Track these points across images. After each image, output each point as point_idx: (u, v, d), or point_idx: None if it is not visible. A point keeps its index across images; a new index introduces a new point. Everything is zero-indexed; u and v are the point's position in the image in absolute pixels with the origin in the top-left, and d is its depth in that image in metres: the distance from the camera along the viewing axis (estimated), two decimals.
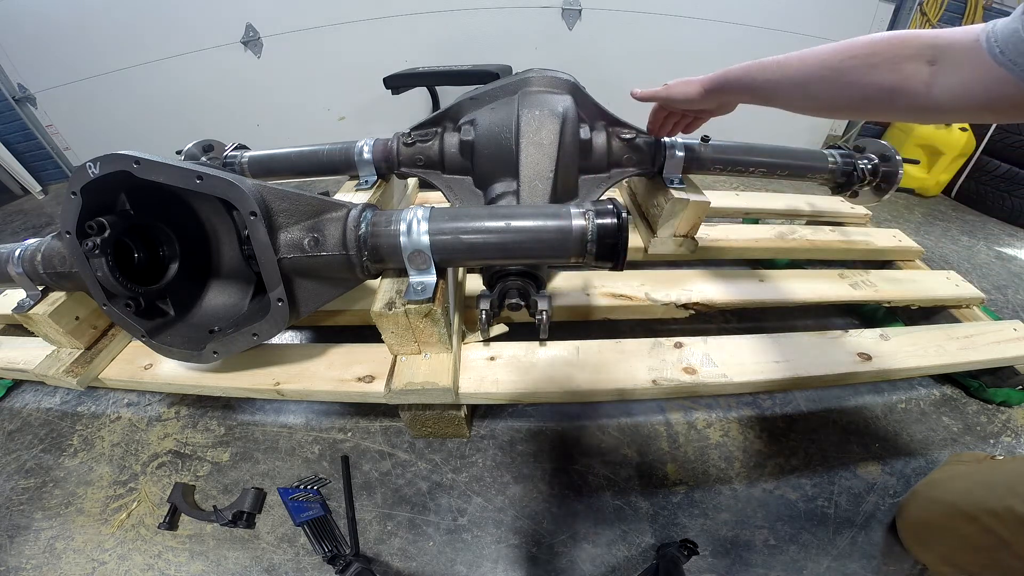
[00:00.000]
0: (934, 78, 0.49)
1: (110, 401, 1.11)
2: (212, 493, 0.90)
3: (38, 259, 0.85)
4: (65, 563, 0.81)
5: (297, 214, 0.72)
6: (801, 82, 0.61)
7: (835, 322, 1.25)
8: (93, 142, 2.44)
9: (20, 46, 2.18)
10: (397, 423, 0.99)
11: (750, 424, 0.98)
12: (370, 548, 0.80)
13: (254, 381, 0.87)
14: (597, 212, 0.71)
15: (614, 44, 2.23)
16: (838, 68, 0.56)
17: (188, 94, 2.33)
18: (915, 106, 0.52)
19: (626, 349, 0.88)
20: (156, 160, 0.66)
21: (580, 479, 0.88)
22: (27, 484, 0.94)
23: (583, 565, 0.77)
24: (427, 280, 0.75)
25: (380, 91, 1.72)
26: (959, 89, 0.47)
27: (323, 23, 2.18)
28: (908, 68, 0.50)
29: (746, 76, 0.70)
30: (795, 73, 0.62)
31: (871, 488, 0.86)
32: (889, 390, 1.05)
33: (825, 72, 0.58)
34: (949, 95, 0.48)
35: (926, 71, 0.49)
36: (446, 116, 1.05)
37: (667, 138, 1.03)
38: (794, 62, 0.62)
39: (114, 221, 0.74)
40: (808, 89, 0.61)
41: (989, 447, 0.94)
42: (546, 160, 0.88)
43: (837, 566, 0.76)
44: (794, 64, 0.62)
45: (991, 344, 0.94)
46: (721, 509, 0.84)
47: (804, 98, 0.63)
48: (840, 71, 0.56)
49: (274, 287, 0.72)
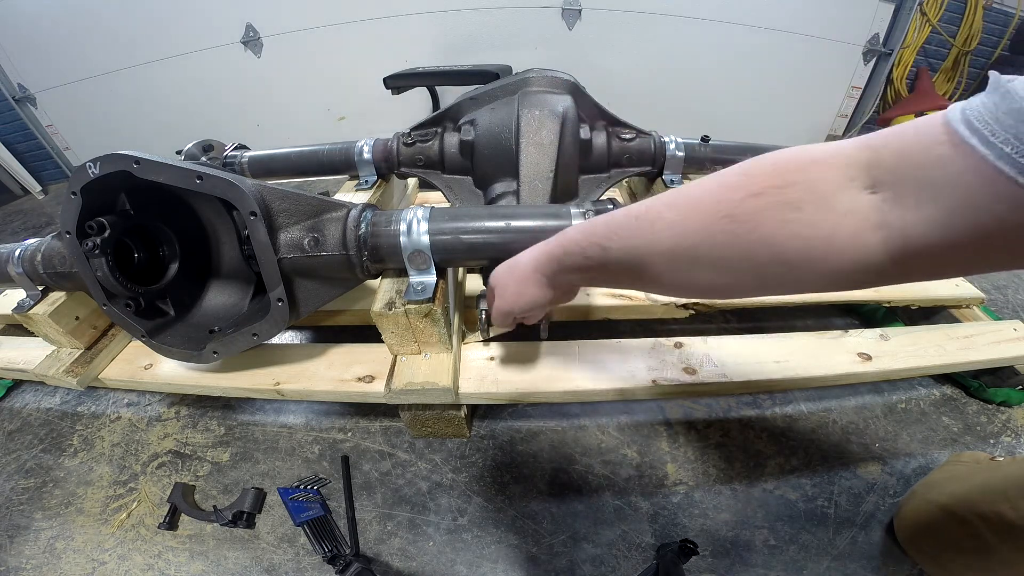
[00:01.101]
0: (883, 216, 0.31)
1: (110, 401, 1.11)
2: (212, 493, 0.90)
3: (38, 259, 0.85)
4: (65, 563, 0.81)
5: (297, 214, 0.72)
6: (682, 247, 0.38)
7: (835, 322, 1.24)
8: (93, 142, 2.44)
9: (20, 46, 2.18)
10: (397, 423, 0.99)
11: (750, 424, 0.98)
12: (370, 548, 0.80)
13: (254, 381, 0.87)
14: (597, 212, 0.71)
15: (614, 44, 2.23)
16: (739, 217, 0.35)
17: (188, 94, 2.33)
18: (860, 266, 0.33)
19: (626, 349, 0.88)
20: (156, 160, 0.66)
21: (580, 479, 0.88)
22: (27, 484, 0.94)
23: (583, 565, 0.77)
24: (427, 280, 0.75)
25: (380, 91, 1.72)
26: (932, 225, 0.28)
27: (323, 23, 2.18)
28: (840, 203, 0.32)
29: (590, 251, 0.46)
30: (670, 233, 0.39)
31: (871, 488, 0.86)
32: (889, 390, 1.05)
33: (723, 224, 0.35)
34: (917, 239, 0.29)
35: (866, 205, 0.31)
36: (446, 116, 1.05)
37: (667, 138, 1.03)
38: (665, 214, 0.40)
39: (114, 221, 0.74)
40: (695, 257, 0.38)
41: (989, 447, 0.94)
42: (546, 160, 0.88)
43: (837, 566, 0.76)
44: (666, 219, 0.39)
45: (991, 344, 0.94)
46: (721, 509, 0.84)
47: (688, 269, 0.39)
48: (745, 222, 0.34)
49: (274, 287, 0.72)
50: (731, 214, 0.35)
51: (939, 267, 0.32)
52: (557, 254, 0.51)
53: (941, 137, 0.28)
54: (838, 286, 0.35)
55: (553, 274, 0.53)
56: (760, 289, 0.39)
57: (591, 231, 0.46)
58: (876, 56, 2.25)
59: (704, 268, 0.38)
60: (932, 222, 0.28)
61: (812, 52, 2.22)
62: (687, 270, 0.39)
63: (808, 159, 0.34)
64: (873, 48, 2.23)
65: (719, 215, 0.36)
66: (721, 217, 0.36)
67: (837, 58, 2.26)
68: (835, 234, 0.32)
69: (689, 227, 0.38)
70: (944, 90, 2.37)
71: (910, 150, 0.30)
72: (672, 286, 0.43)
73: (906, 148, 0.30)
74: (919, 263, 0.31)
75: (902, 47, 2.20)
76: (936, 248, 0.29)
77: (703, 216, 0.37)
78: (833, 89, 2.37)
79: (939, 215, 0.28)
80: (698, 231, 0.37)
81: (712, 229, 0.36)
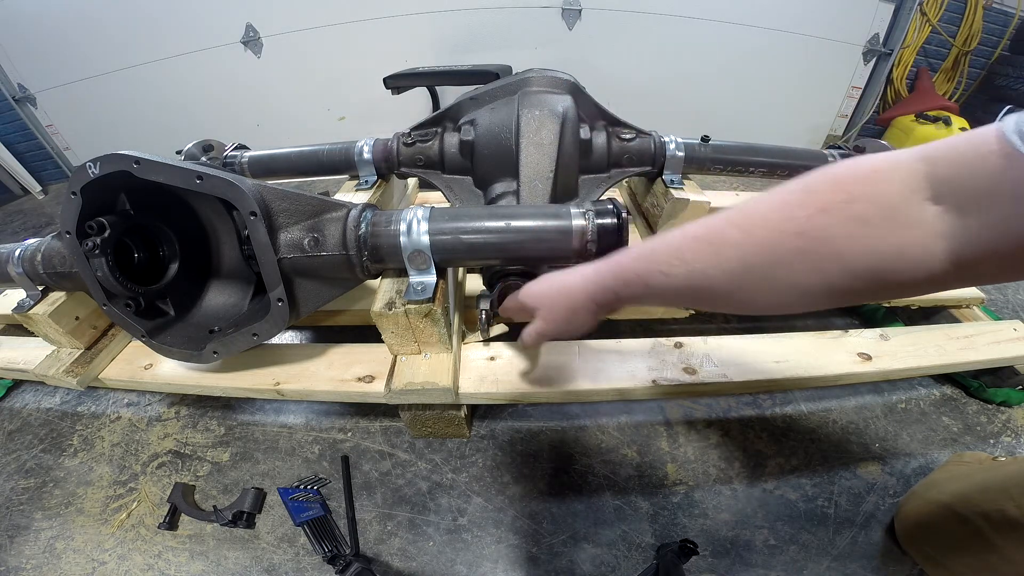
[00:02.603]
0: (946, 226, 0.31)
1: (110, 401, 1.11)
2: (212, 493, 0.90)
3: (38, 259, 0.85)
4: (65, 563, 0.81)
5: (297, 214, 0.72)
6: (749, 266, 0.38)
7: (835, 322, 1.24)
8: (93, 142, 2.44)
9: (20, 46, 2.18)
10: (397, 423, 0.99)
11: (750, 424, 0.98)
12: (370, 548, 0.80)
13: (254, 381, 0.87)
14: (597, 212, 0.71)
15: (614, 44, 2.23)
16: (808, 233, 0.35)
17: (188, 94, 2.33)
18: (927, 276, 0.33)
19: (626, 349, 0.88)
20: (156, 160, 0.66)
21: (580, 479, 0.88)
22: (27, 484, 0.94)
23: (583, 565, 0.77)
24: (427, 280, 0.75)
25: (380, 91, 1.72)
26: (992, 232, 0.30)
27: (323, 23, 2.18)
28: (907, 216, 0.33)
29: (651, 278, 0.45)
30: (736, 253, 0.39)
31: (871, 488, 0.86)
32: (889, 390, 1.05)
33: (793, 242, 0.36)
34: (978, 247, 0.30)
35: (931, 216, 0.32)
36: (446, 116, 1.05)
37: (667, 137, 1.03)
38: (730, 234, 0.39)
39: (114, 221, 0.74)
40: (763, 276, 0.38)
41: (989, 447, 0.94)
42: (546, 160, 0.88)
43: (837, 566, 0.76)
44: (731, 239, 0.39)
45: (991, 344, 0.94)
46: (721, 509, 0.84)
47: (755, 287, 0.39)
48: (815, 238, 0.35)
49: (274, 287, 0.72)
50: (800, 231, 0.35)
51: (999, 272, 0.33)
52: (615, 286, 0.50)
53: (994, 148, 0.29)
54: (903, 295, 0.36)
55: (608, 304, 0.53)
56: (827, 303, 0.39)
57: (651, 258, 0.46)
58: (876, 56, 2.25)
59: (772, 285, 0.38)
60: (991, 230, 0.30)
61: (812, 52, 2.22)
62: (754, 288, 0.39)
63: (870, 172, 0.34)
64: (873, 48, 2.23)
65: (788, 232, 0.36)
66: (790, 234, 0.36)
67: (837, 58, 2.26)
68: (904, 246, 0.33)
69: (756, 246, 0.38)
70: (944, 90, 2.37)
71: (965, 161, 0.31)
72: (737, 305, 0.43)
73: (961, 159, 0.31)
74: (981, 270, 0.32)
75: (902, 47, 2.20)
76: (996, 255, 0.30)
77: (771, 234, 0.37)
78: (833, 89, 2.37)
79: (998, 223, 0.29)
80: (766, 250, 0.37)
81: (781, 247, 0.37)
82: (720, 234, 0.40)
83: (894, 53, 2.21)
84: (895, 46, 2.19)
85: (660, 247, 0.45)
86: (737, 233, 0.39)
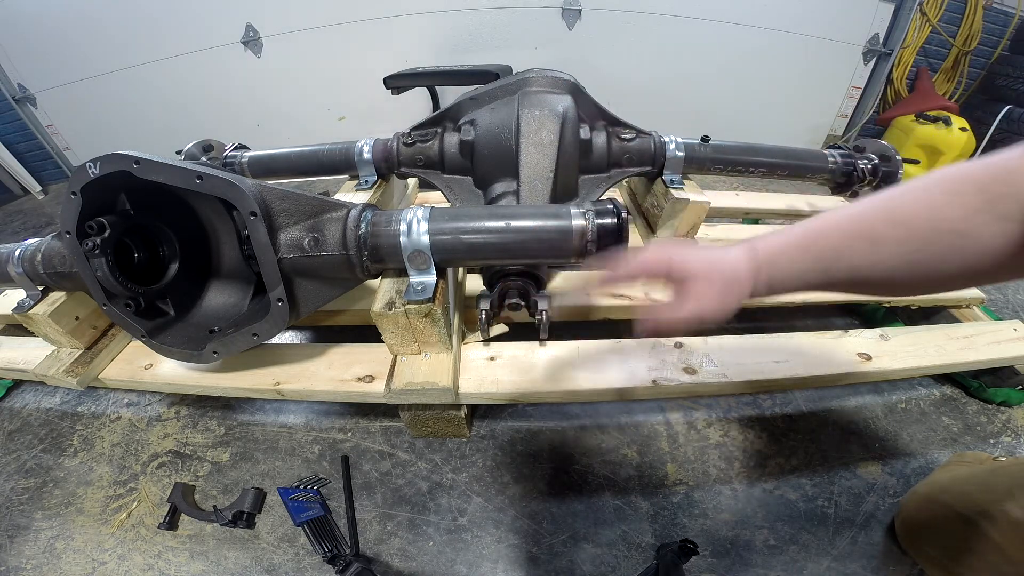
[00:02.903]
0: None
1: (110, 401, 1.11)
2: (212, 493, 0.90)
3: (38, 259, 0.85)
4: (65, 563, 0.81)
5: (297, 214, 0.72)
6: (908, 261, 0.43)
7: (835, 322, 1.24)
8: (93, 142, 2.44)
9: (20, 46, 2.18)
10: (397, 423, 0.99)
11: (750, 424, 0.98)
12: (370, 548, 0.80)
13: (254, 381, 0.87)
14: (597, 212, 0.71)
15: (614, 44, 2.23)
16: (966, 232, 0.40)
17: (188, 94, 2.33)
18: None
19: (626, 349, 0.88)
20: (156, 160, 0.66)
21: (580, 479, 0.88)
22: (27, 484, 0.94)
23: (583, 565, 0.77)
24: (427, 280, 0.75)
25: (380, 91, 1.72)
26: None
27: (323, 23, 2.18)
28: None
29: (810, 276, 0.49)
30: (897, 250, 0.43)
31: (871, 488, 0.86)
32: (889, 390, 1.05)
33: (950, 239, 0.41)
34: None
35: None
36: (446, 116, 1.05)
37: (667, 137, 1.03)
38: (886, 232, 0.44)
39: (114, 221, 0.74)
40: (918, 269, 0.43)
41: (989, 447, 0.94)
42: (546, 160, 0.88)
43: (837, 566, 0.76)
44: (890, 236, 0.43)
45: (991, 344, 0.94)
46: (721, 509, 0.84)
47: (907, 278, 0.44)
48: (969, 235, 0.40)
49: (274, 287, 0.72)
50: (957, 230, 0.40)
51: None
52: (768, 272, 0.50)
53: None
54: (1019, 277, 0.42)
55: (758, 289, 0.52)
56: (965, 285, 0.47)
57: (817, 256, 0.48)
58: (876, 56, 2.25)
59: (924, 274, 0.44)
60: None
61: (812, 52, 2.22)
62: (906, 279, 0.45)
63: (1009, 171, 0.39)
64: (873, 48, 2.23)
65: (945, 231, 0.41)
66: (947, 232, 0.41)
67: (837, 58, 2.26)
68: None
69: (915, 243, 0.43)
70: (944, 90, 2.37)
71: None
72: (885, 291, 0.49)
73: None
74: None
75: (902, 47, 2.20)
76: None
77: (929, 233, 0.42)
78: (833, 89, 2.37)
79: None
80: (923, 246, 0.42)
81: (938, 244, 0.41)
82: (877, 231, 0.45)
83: (894, 53, 2.21)
84: (895, 46, 2.19)
85: (816, 246, 0.48)
86: (895, 231, 0.43)
